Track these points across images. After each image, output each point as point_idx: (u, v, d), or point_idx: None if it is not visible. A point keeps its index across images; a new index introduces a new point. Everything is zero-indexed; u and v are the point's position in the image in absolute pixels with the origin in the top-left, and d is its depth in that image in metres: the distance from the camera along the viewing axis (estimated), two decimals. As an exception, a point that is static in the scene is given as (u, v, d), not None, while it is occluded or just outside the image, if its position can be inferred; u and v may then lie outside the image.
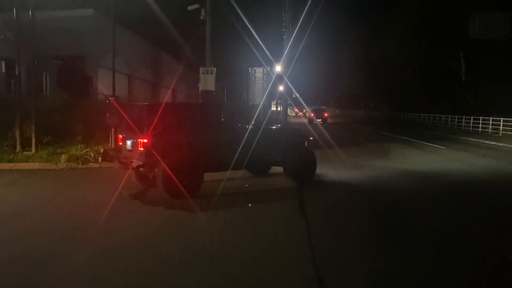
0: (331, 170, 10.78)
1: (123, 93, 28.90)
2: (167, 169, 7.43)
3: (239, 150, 8.10)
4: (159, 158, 7.48)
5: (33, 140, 11.78)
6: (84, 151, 11.33)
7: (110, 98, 11.80)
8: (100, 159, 11.05)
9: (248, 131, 8.50)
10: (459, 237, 5.70)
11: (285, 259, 4.71)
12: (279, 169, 9.44)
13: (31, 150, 11.70)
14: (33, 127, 11.82)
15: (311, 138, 10.88)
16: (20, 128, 11.94)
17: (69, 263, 4.51)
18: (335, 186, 9.14)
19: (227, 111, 9.65)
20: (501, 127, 25.71)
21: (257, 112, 20.44)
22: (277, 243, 5.27)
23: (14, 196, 7.87)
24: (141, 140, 7.59)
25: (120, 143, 8.80)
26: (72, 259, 4.62)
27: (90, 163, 10.94)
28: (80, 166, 10.80)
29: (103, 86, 24.61)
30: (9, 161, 10.85)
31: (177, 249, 4.99)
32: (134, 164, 7.72)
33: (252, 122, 8.93)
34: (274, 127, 10.50)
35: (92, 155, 11.09)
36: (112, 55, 13.35)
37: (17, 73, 12.46)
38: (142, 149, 7.58)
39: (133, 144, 8.06)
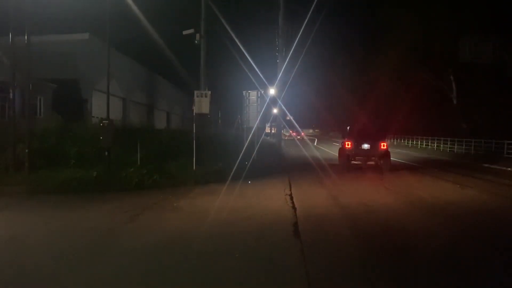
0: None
1: (118, 116, 28.95)
2: (390, 158, 16.76)
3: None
4: (387, 151, 16.68)
5: (26, 164, 11.69)
6: (77, 174, 11.24)
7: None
8: (93, 182, 10.96)
9: None
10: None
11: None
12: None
13: (24, 174, 11.60)
14: (27, 151, 11.76)
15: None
16: (13, 152, 11.86)
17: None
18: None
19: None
20: (493, 150, 25.94)
21: (251, 133, 20.57)
22: (272, 267, 5.21)
23: (6, 220, 7.76)
24: (383, 143, 16.46)
25: (347, 146, 16.75)
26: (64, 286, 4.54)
27: (83, 187, 10.84)
28: (73, 190, 10.69)
29: (97, 109, 24.67)
30: (2, 184, 10.74)
31: (171, 273, 4.92)
32: (374, 157, 16.59)
33: None
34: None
35: (86, 179, 10.99)
36: (107, 79, 13.41)
37: (11, 96, 12.47)
38: (384, 147, 16.42)
39: (372, 146, 16.41)
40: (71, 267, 5.12)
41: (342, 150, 17.91)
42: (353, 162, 16.88)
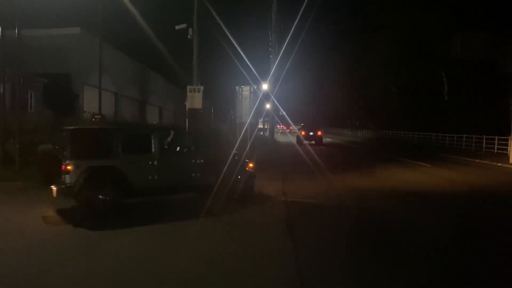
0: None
1: (110, 111, 28.76)
2: (322, 140, 35.17)
3: None
4: (321, 136, 34.87)
5: (17, 159, 11.61)
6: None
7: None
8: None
9: None
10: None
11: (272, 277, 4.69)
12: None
13: (14, 169, 11.51)
14: (17, 146, 11.67)
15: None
16: (3, 147, 11.77)
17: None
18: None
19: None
20: (484, 145, 26.18)
21: (244, 129, 20.55)
22: (265, 260, 5.23)
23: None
24: (319, 132, 34.29)
25: (303, 133, 34.27)
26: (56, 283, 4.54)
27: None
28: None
29: (89, 104, 24.50)
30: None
31: (163, 268, 4.92)
32: (314, 138, 33.61)
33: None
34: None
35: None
36: (99, 73, 13.33)
37: (1, 91, 12.36)
38: (319, 134, 34.15)
39: (314, 133, 33.89)
40: (65, 261, 5.11)
41: (298, 136, 34.65)
42: (305, 141, 31.63)
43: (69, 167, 7.06)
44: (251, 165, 9.21)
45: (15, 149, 11.70)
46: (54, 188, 7.23)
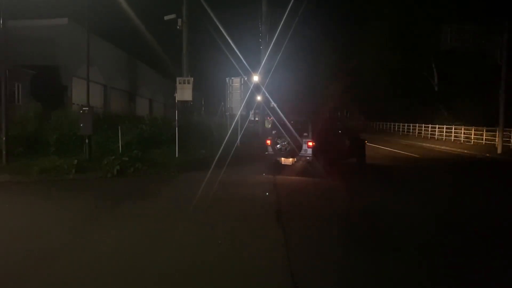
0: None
1: (99, 103, 28.54)
2: None
3: None
4: None
5: (4, 152, 11.44)
6: (57, 162, 11.07)
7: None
8: (74, 170, 10.80)
9: None
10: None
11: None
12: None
13: (1, 162, 11.36)
14: (4, 138, 11.49)
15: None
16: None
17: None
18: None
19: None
20: (472, 136, 26.42)
21: (235, 121, 20.52)
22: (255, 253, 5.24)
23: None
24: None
25: None
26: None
27: (63, 175, 10.68)
28: (53, 178, 10.52)
29: (78, 96, 24.24)
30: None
31: (154, 261, 4.90)
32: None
33: None
34: None
35: (66, 167, 10.83)
36: (87, 65, 13.16)
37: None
38: None
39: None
40: (53, 254, 5.07)
41: None
42: None
43: (312, 144, 11.31)
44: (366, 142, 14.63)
45: (1, 142, 11.53)
46: (291, 159, 11.57)
